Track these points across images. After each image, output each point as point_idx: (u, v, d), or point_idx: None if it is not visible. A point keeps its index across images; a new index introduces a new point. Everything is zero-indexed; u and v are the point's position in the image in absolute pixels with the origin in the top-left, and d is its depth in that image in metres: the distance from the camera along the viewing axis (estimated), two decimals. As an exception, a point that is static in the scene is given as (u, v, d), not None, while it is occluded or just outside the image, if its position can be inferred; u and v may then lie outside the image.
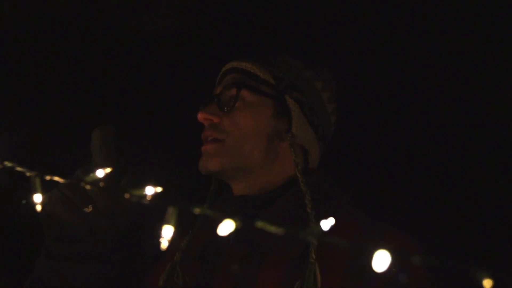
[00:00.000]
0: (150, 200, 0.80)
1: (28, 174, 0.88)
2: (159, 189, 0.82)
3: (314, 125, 1.40)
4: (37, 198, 0.88)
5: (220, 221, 1.29)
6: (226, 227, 0.69)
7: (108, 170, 0.89)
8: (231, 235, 1.26)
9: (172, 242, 1.42)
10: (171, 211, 0.77)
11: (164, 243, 0.76)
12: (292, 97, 1.38)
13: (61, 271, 1.24)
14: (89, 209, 1.21)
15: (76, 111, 1.97)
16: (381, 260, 0.59)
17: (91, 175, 0.88)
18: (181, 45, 2.09)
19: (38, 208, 0.88)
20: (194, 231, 1.38)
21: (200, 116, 1.37)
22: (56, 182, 0.88)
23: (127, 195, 0.81)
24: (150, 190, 0.81)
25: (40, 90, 1.96)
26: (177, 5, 2.06)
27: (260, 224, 0.71)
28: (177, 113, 2.11)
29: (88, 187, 0.84)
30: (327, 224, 0.69)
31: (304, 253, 1.18)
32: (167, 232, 0.76)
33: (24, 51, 1.98)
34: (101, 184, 0.85)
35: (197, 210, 0.76)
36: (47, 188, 0.89)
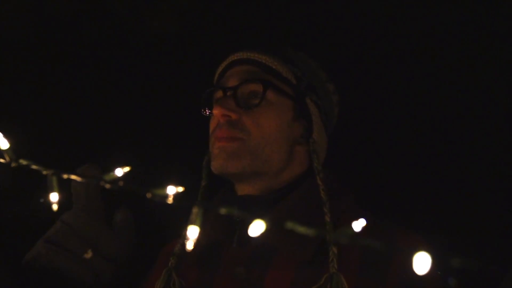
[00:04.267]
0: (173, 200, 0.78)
1: (44, 172, 0.85)
2: (180, 189, 0.80)
3: (327, 128, 1.37)
4: (54, 197, 0.85)
5: (219, 221, 1.27)
6: (257, 227, 0.67)
7: (127, 169, 0.86)
8: (233, 237, 1.25)
9: (163, 246, 1.39)
10: (196, 211, 0.75)
11: (190, 244, 0.74)
12: (312, 100, 1.32)
13: None
14: (88, 254, 1.16)
15: (84, 110, 1.94)
16: (421, 263, 0.58)
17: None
18: (184, 45, 2.06)
19: (55, 207, 0.86)
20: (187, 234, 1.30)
21: (218, 112, 1.26)
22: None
23: (149, 195, 0.79)
24: (172, 190, 0.79)
25: (49, 90, 1.94)
26: (178, 6, 2.04)
27: (289, 225, 0.69)
28: (176, 111, 2.09)
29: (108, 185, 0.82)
30: (358, 225, 0.68)
31: (316, 256, 1.14)
32: (192, 233, 0.74)
33: (31, 51, 1.96)
34: (121, 183, 0.84)
35: (223, 211, 0.74)
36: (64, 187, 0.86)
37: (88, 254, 1.17)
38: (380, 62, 2.03)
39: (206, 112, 1.35)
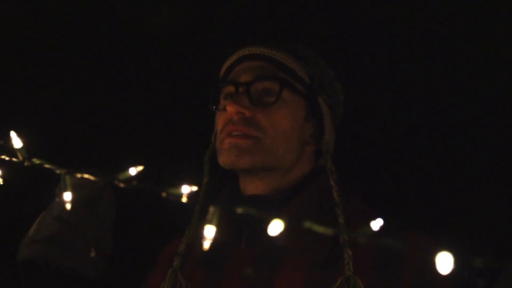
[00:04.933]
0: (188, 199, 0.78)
1: (58, 171, 0.85)
2: (194, 188, 0.80)
3: (335, 128, 1.35)
4: (67, 196, 0.85)
5: (225, 221, 1.24)
6: (276, 227, 0.67)
7: (140, 168, 0.86)
8: (241, 237, 1.22)
9: (165, 246, 1.38)
10: (213, 210, 0.75)
11: (207, 244, 0.74)
12: (324, 99, 1.29)
13: None
14: (93, 253, 1.17)
15: (97, 110, 1.94)
16: (444, 262, 0.58)
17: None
18: (192, 43, 2.06)
19: (68, 206, 0.85)
20: (191, 233, 1.26)
21: (233, 109, 1.21)
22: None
23: (164, 194, 0.79)
24: (186, 189, 0.79)
25: (62, 90, 1.93)
26: (178, 4, 2.03)
27: (307, 224, 0.69)
28: (179, 111, 2.09)
29: (122, 184, 0.82)
30: (376, 225, 0.68)
31: (329, 256, 1.12)
32: (209, 232, 0.74)
33: (43, 52, 1.94)
34: (135, 182, 0.84)
35: (239, 210, 0.74)
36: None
37: (93, 253, 1.18)
38: (386, 61, 2.03)
39: (214, 107, 1.30)
